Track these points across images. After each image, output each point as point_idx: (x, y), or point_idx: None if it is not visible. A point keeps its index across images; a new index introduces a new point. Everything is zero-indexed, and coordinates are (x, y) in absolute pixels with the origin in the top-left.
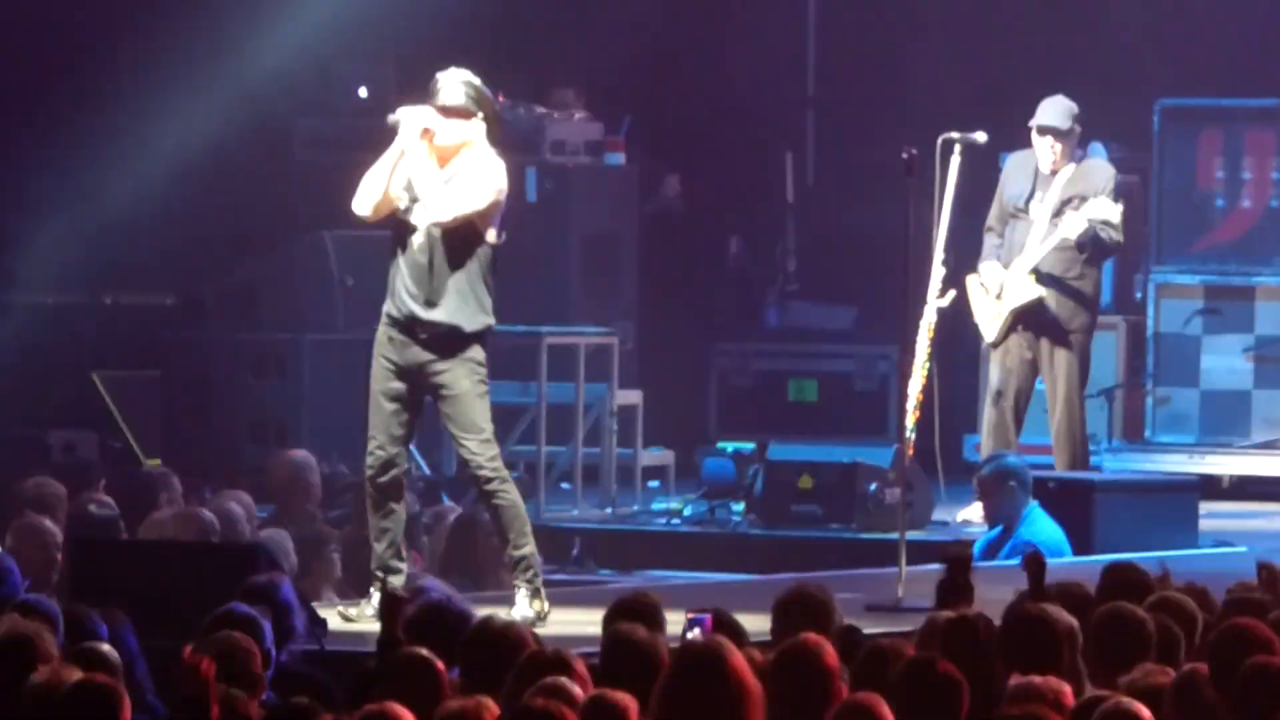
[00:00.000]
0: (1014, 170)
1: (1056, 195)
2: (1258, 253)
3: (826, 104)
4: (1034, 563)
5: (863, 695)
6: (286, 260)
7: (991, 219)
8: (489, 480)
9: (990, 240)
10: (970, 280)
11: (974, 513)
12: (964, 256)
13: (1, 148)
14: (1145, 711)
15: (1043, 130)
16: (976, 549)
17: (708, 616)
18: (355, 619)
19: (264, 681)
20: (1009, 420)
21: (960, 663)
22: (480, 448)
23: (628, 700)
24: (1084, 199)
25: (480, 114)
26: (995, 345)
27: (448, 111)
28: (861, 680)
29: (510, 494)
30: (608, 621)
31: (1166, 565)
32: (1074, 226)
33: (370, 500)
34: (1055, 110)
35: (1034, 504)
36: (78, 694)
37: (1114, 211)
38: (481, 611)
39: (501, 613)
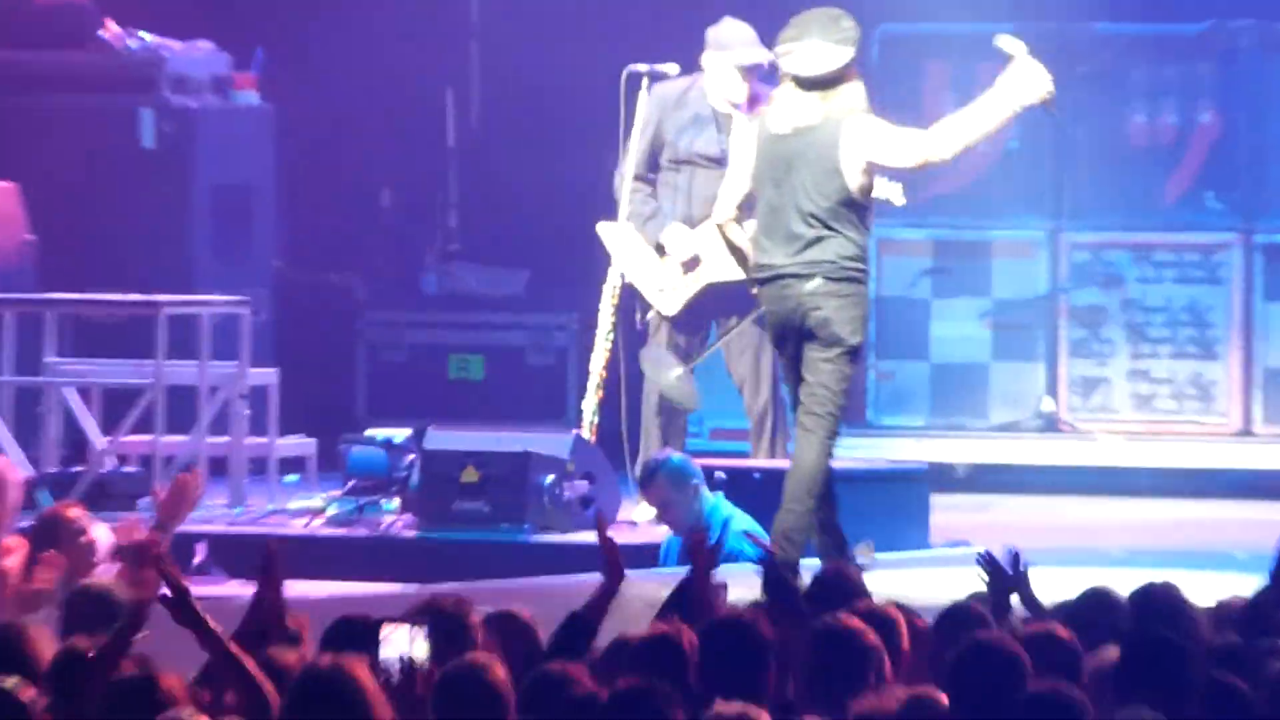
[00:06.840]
0: (674, 107)
1: None
2: (993, 203)
3: (493, 33)
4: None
5: None
6: None
7: (641, 165)
8: None
9: (641, 192)
10: (613, 232)
11: (644, 513)
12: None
13: None
14: None
15: (745, 69)
16: (665, 557)
17: None
18: None
19: None
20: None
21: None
22: None
23: None
24: None
25: None
26: (673, 320)
27: None
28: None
29: None
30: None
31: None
32: None
33: None
34: (745, 36)
35: (719, 497)
36: None
37: None
38: None
39: None
